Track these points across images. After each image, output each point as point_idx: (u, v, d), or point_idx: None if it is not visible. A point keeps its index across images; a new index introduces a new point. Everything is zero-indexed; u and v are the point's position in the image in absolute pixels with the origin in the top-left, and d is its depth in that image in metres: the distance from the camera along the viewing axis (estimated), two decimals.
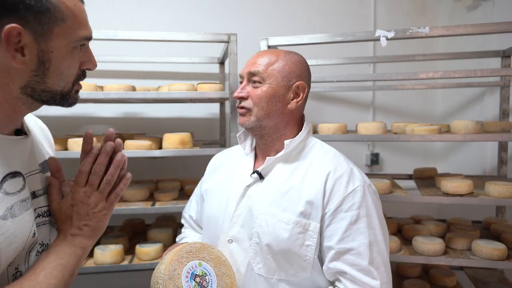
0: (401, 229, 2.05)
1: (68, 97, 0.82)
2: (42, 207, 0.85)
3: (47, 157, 0.92)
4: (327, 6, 2.69)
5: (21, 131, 0.85)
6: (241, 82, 1.14)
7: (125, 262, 1.85)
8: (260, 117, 1.08)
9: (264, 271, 1.04)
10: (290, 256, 1.02)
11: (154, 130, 2.41)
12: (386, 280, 0.99)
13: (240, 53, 2.14)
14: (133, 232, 2.21)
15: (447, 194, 1.70)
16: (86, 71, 0.85)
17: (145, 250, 1.85)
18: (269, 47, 1.78)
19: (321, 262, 1.04)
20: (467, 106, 2.64)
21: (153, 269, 2.17)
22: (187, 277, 0.97)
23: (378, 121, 2.02)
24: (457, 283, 2.03)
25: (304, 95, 1.11)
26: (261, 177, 1.11)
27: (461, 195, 1.67)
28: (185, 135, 1.88)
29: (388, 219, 2.24)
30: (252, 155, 1.19)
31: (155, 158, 1.95)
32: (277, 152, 1.11)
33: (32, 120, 0.97)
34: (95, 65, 0.85)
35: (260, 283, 1.05)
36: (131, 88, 1.94)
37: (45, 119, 2.38)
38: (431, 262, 1.71)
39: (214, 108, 2.55)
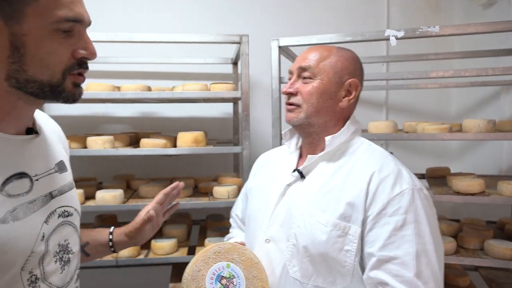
0: None
1: (61, 90, 0.74)
2: (60, 207, 0.83)
3: (61, 157, 0.90)
4: (339, 6, 2.70)
5: (32, 130, 0.82)
6: (289, 79, 1.10)
7: (141, 256, 1.91)
8: (310, 114, 1.04)
9: (300, 274, 0.98)
10: (328, 261, 0.95)
11: (170, 129, 2.47)
12: None
13: (252, 53, 2.18)
14: None
15: (458, 193, 1.69)
16: (87, 61, 0.76)
17: (160, 245, 1.91)
18: (279, 47, 1.81)
19: (363, 271, 0.95)
20: (483, 105, 2.61)
21: (168, 263, 2.25)
22: (211, 278, 0.94)
23: (390, 120, 2.02)
24: (470, 284, 2.01)
25: (357, 93, 1.06)
26: (302, 176, 1.07)
27: (472, 194, 1.66)
28: (198, 134, 1.93)
29: None
30: (296, 154, 1.15)
31: (170, 156, 2.01)
32: (322, 151, 1.06)
33: (45, 120, 0.93)
34: (93, 53, 0.76)
35: (295, 287, 0.99)
36: (147, 88, 2.00)
37: (65, 118, 2.49)
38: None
39: (228, 107, 2.60)
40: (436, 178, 2.14)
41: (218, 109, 2.64)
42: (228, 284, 0.95)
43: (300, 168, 1.07)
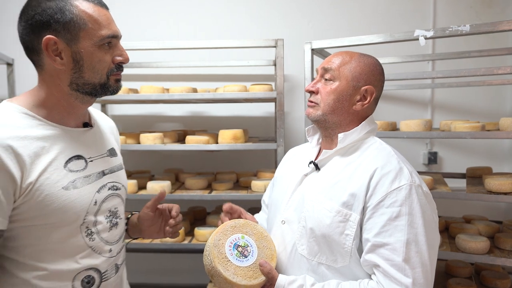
0: (449, 227, 2.05)
1: (108, 86, 1.01)
2: (110, 182, 1.08)
3: (113, 146, 1.17)
4: (383, 6, 2.71)
5: (88, 124, 1.09)
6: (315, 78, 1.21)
7: (185, 242, 2.12)
8: (326, 112, 1.14)
9: (307, 252, 1.10)
10: (330, 242, 1.06)
11: (216, 127, 2.66)
12: (422, 281, 0.96)
13: (292, 54, 2.30)
14: (195, 218, 2.49)
15: (490, 192, 1.68)
16: (123, 65, 1.03)
17: (202, 232, 2.10)
18: (312, 50, 1.91)
19: (361, 254, 1.05)
20: None
21: None
22: (230, 246, 1.10)
23: (423, 119, 2.03)
24: (511, 287, 1.96)
25: (371, 99, 1.14)
26: (317, 167, 1.18)
27: (505, 193, 1.64)
28: (237, 131, 2.10)
29: (438, 218, 2.23)
30: (317, 149, 1.25)
31: (212, 152, 2.19)
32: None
33: (103, 117, 1.22)
34: (127, 59, 1.02)
35: (302, 263, 1.12)
36: (192, 90, 2.20)
37: (124, 117, 2.80)
38: (472, 259, 1.71)
39: (270, 107, 2.74)
40: (475, 178, 2.10)
41: (261, 109, 2.79)
42: (243, 251, 1.11)
43: (316, 161, 1.19)
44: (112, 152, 1.15)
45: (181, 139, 2.39)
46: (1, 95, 2.66)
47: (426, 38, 1.65)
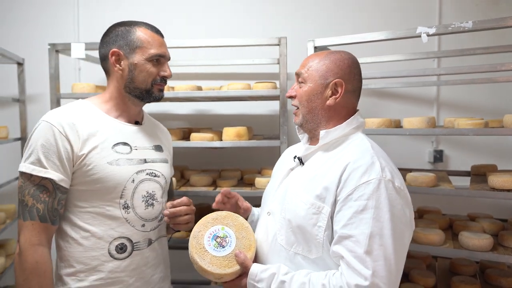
0: (453, 225, 2.04)
1: (151, 93, 1.30)
2: (150, 169, 1.31)
3: (159, 143, 1.41)
4: (388, 5, 2.70)
5: (139, 122, 1.37)
6: None
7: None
8: (304, 114, 1.21)
9: (285, 242, 1.15)
10: (304, 233, 1.11)
11: (221, 126, 2.67)
12: (384, 274, 0.98)
13: (296, 52, 2.31)
14: (199, 215, 2.49)
15: (494, 189, 1.67)
16: (166, 78, 1.31)
17: None
18: (315, 48, 1.92)
19: None
20: None
21: None
22: (209, 237, 1.16)
23: (425, 116, 2.03)
24: None
25: (342, 91, 1.16)
26: (302, 162, 1.23)
27: (508, 190, 1.63)
28: (240, 129, 2.12)
29: (443, 215, 2.22)
30: (307, 145, 1.29)
31: (216, 149, 2.21)
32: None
33: (156, 124, 1.51)
34: (169, 74, 1.32)
35: (281, 252, 1.17)
36: (197, 88, 2.23)
37: None
38: (475, 257, 1.70)
39: (275, 105, 2.75)
40: (480, 176, 2.09)
41: (266, 107, 2.80)
42: (222, 241, 1.17)
43: (300, 155, 1.24)
44: (157, 148, 1.40)
45: (186, 137, 2.42)
46: (12, 93, 2.71)
47: (428, 35, 1.65)
